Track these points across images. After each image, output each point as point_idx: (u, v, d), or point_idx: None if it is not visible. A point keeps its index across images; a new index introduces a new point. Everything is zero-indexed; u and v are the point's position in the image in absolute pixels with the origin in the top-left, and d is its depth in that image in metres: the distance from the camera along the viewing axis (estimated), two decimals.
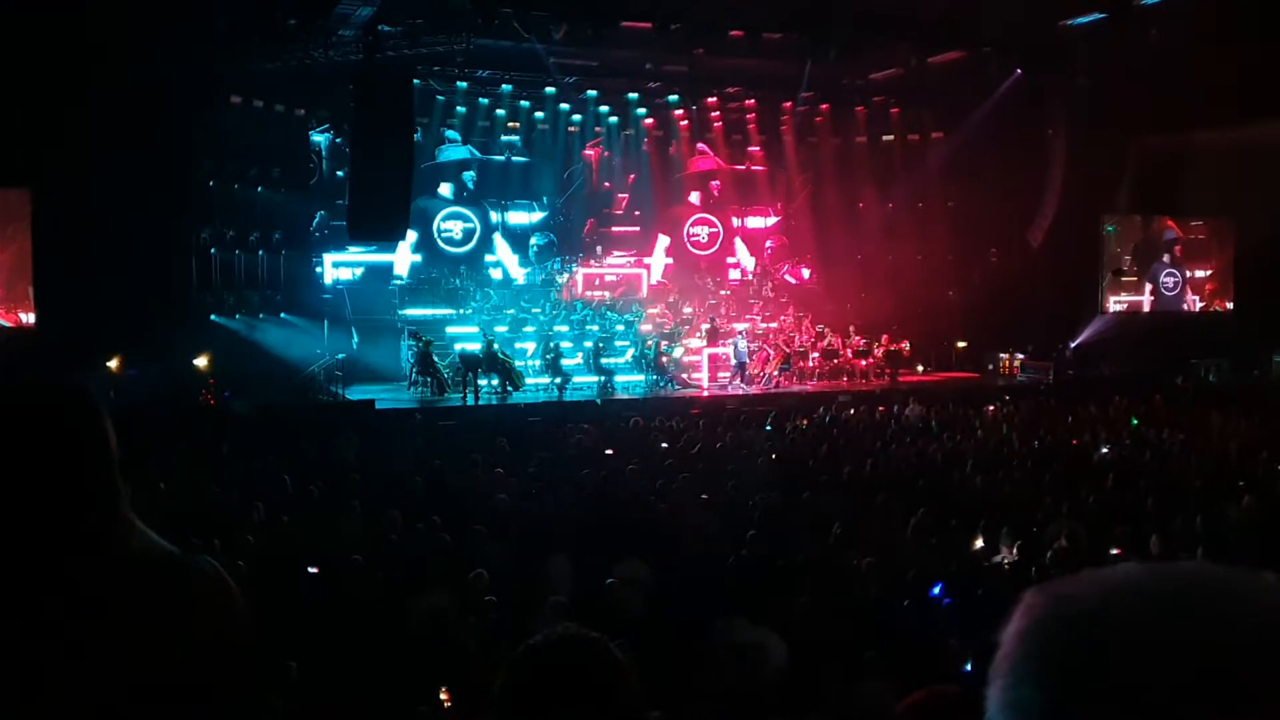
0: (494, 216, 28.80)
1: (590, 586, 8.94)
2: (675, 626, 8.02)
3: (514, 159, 28.79)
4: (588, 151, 29.46)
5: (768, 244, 31.37)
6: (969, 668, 7.76)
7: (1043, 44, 24.65)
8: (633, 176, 30.07)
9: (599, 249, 29.00)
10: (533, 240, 29.10)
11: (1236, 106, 24.11)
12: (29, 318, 21.34)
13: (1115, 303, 30.06)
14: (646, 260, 29.37)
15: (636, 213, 30.24)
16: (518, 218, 29.12)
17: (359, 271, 26.85)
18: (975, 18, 22.54)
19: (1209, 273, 31.11)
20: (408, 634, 7.90)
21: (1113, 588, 0.94)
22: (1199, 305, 31.03)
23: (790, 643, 7.67)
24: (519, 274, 28.32)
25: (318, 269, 26.37)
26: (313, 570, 9.24)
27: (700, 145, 30.26)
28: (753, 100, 29.66)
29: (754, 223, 31.43)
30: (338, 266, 26.68)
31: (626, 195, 30.26)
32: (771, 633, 7.53)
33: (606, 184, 30.08)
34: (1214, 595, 0.91)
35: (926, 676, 7.35)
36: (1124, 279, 30.24)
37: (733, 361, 24.72)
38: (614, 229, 29.97)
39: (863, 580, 9.34)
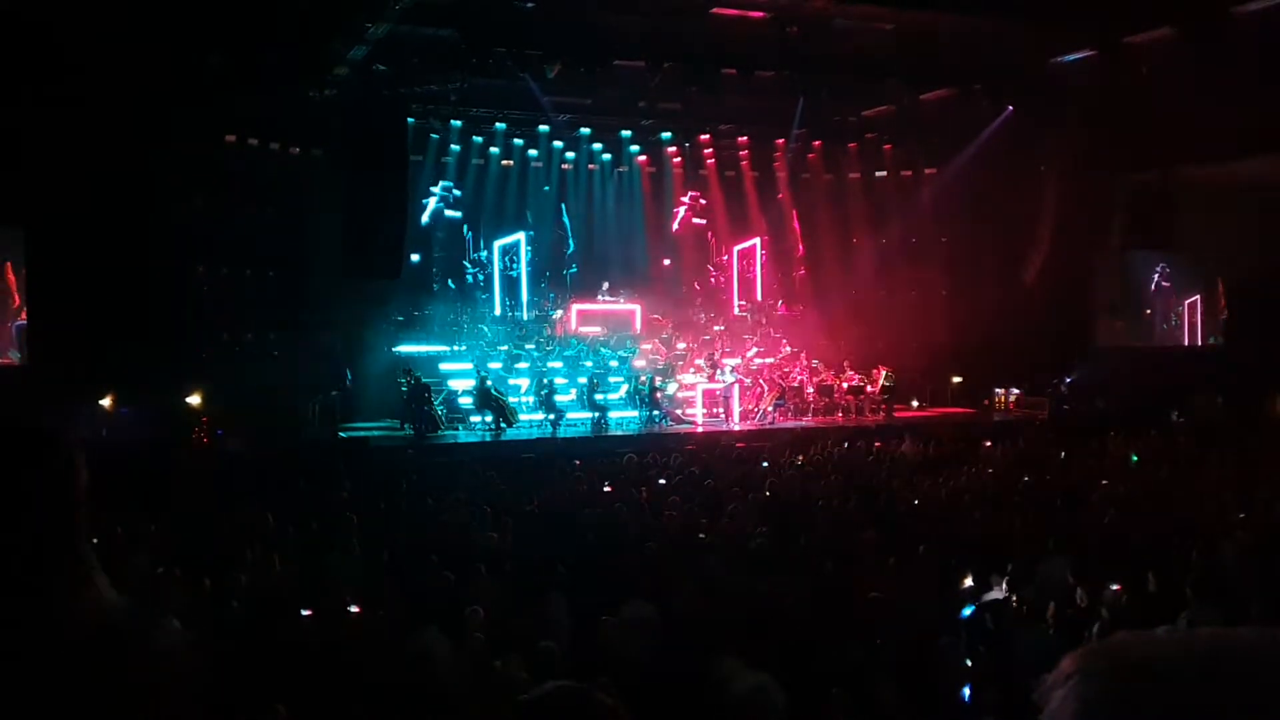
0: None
1: (587, 627, 8.89)
2: (674, 667, 7.96)
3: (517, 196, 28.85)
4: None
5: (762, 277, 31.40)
6: (967, 697, 7.73)
7: (1034, 81, 24.83)
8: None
9: (605, 284, 28.97)
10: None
11: (1228, 143, 24.25)
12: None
13: (1116, 337, 30.05)
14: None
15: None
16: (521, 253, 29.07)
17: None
18: (966, 55, 22.70)
19: (1208, 307, 31.08)
20: (398, 675, 7.83)
21: (1177, 660, 0.90)
22: (1198, 341, 31.00)
23: (789, 680, 7.61)
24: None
25: None
26: (306, 613, 9.16)
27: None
28: (746, 137, 29.87)
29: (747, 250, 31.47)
30: None
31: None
32: (769, 676, 7.47)
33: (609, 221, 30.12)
34: None
35: (930, 711, 7.33)
36: (1122, 314, 30.24)
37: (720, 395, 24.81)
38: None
39: (859, 617, 9.29)
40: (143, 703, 1.84)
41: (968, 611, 9.53)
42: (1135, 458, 19.24)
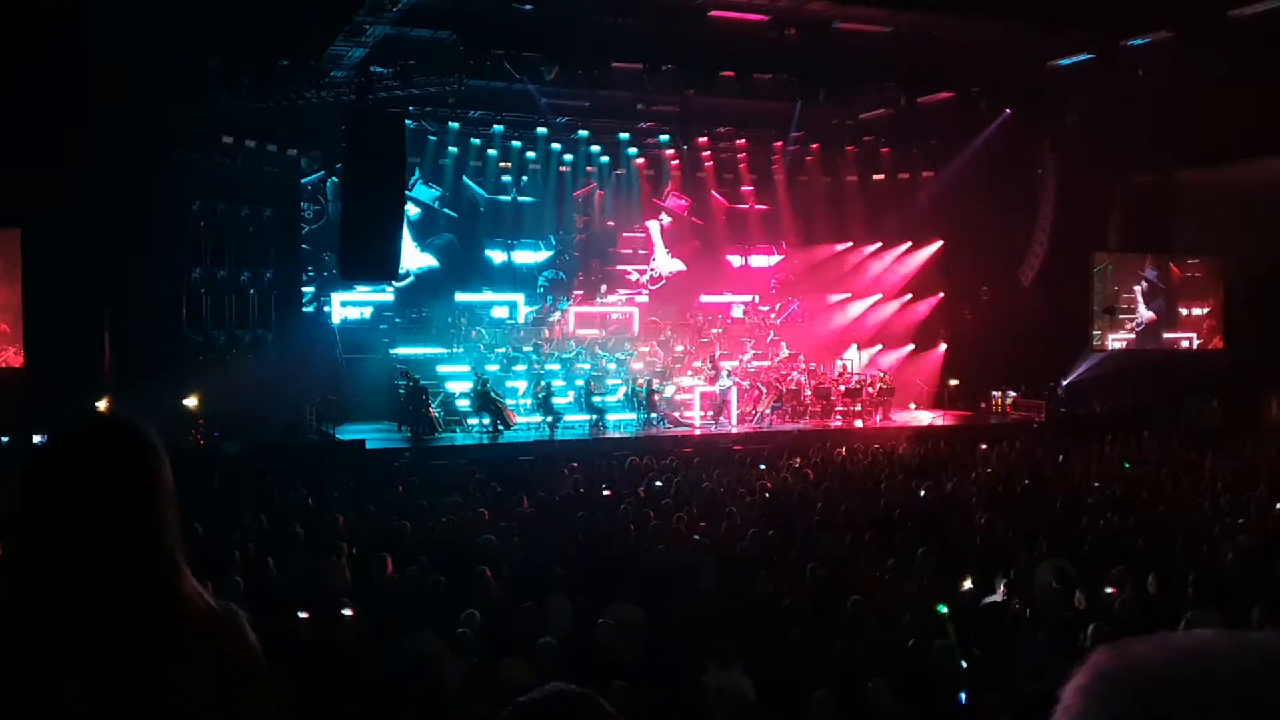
0: (500, 255, 28.97)
1: (583, 629, 8.87)
2: (669, 669, 7.95)
3: (519, 199, 28.91)
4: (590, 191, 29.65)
5: (772, 282, 31.43)
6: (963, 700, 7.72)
7: (1031, 84, 24.84)
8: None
9: (603, 287, 29.02)
10: (541, 278, 29.12)
11: (1225, 146, 24.27)
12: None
13: (1114, 340, 30.03)
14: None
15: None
16: (524, 256, 29.22)
17: (368, 311, 26.91)
18: (964, 58, 22.70)
19: (1206, 310, 31.05)
20: (393, 676, 7.81)
21: (1182, 654, 0.91)
22: (1196, 343, 30.97)
23: (785, 683, 7.61)
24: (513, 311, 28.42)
25: (326, 308, 26.49)
26: (303, 615, 9.13)
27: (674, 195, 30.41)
28: (743, 140, 29.87)
29: (758, 261, 31.52)
30: (345, 305, 26.80)
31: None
32: (741, 675, 7.48)
33: (610, 223, 30.14)
34: None
35: (923, 713, 7.32)
36: (1119, 316, 30.19)
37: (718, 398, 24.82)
38: (618, 267, 30.05)
39: (855, 620, 9.27)
40: (236, 692, 1.88)
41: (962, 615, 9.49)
42: (1127, 465, 19.20)
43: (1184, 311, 30.93)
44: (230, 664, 1.91)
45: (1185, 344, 30.90)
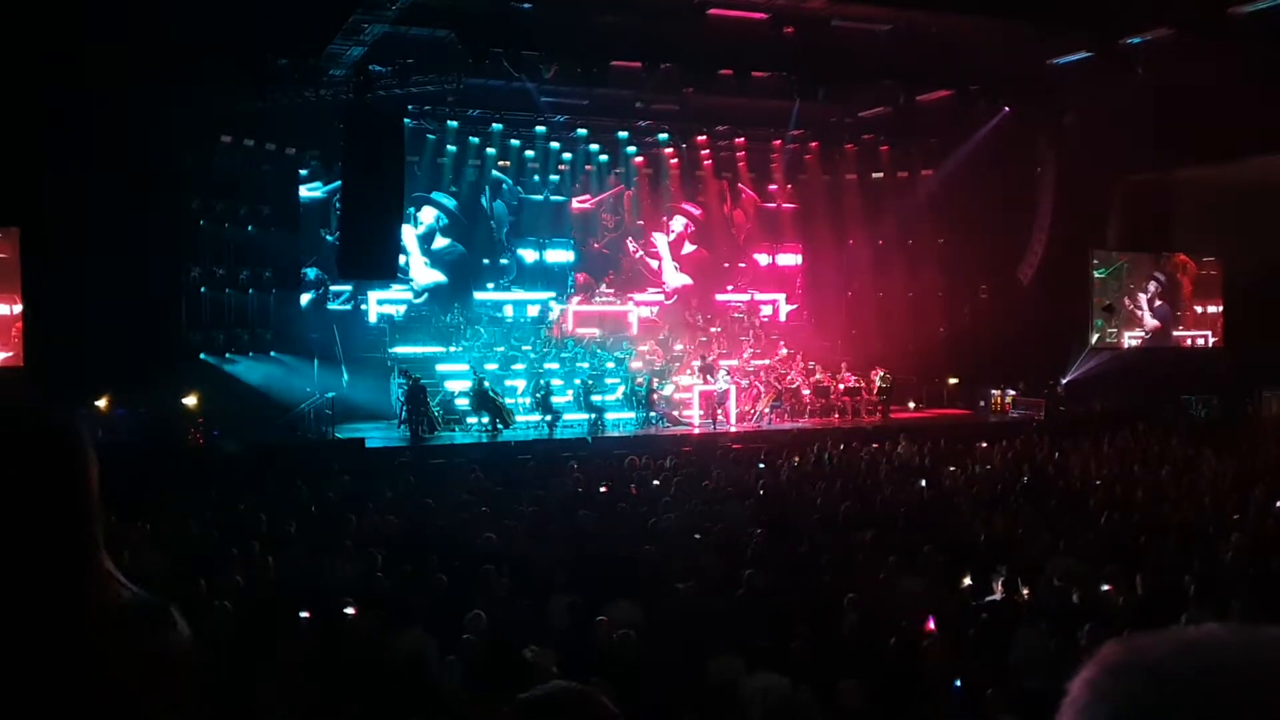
0: (531, 255, 29.14)
1: (582, 627, 8.87)
2: (668, 668, 7.95)
3: (552, 198, 29.11)
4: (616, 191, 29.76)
5: (797, 282, 31.53)
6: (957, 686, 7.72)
7: (1030, 82, 24.84)
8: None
9: (603, 285, 29.16)
10: (571, 277, 29.21)
11: (1225, 144, 24.25)
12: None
13: (1114, 340, 30.06)
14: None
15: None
16: (556, 256, 29.33)
17: (402, 309, 27.29)
18: (963, 56, 22.69)
19: (1221, 308, 31.00)
20: (390, 675, 7.81)
21: (1189, 648, 0.90)
22: (1212, 341, 30.97)
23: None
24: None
25: (363, 306, 26.86)
26: (304, 615, 9.13)
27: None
28: (743, 139, 29.87)
29: (785, 260, 31.57)
30: (382, 304, 27.08)
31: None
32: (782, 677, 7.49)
33: (640, 221, 30.26)
34: None
35: (915, 712, 7.33)
36: (1125, 317, 30.18)
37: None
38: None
39: (854, 619, 9.27)
40: (148, 689, 1.78)
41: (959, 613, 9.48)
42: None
43: (1199, 309, 30.91)
44: (143, 660, 1.79)
45: (1201, 341, 30.91)
